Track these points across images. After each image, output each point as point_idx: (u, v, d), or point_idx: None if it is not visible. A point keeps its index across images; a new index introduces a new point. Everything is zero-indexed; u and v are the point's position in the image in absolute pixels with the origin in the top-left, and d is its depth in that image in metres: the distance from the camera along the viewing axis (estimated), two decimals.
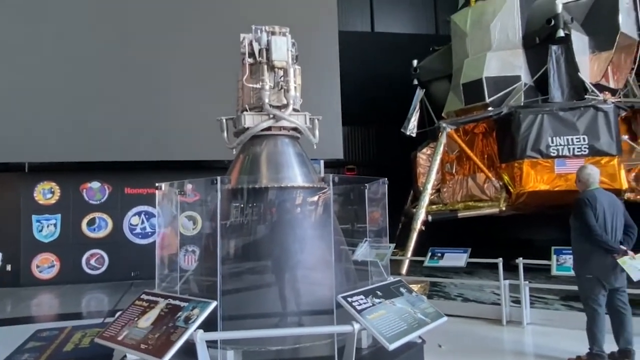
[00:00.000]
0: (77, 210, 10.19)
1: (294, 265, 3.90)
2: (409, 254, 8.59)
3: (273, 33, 4.15)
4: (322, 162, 11.23)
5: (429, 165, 9.85)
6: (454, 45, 11.08)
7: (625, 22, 9.23)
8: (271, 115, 4.15)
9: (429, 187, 9.33)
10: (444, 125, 9.68)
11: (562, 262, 5.59)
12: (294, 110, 4.33)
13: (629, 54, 9.79)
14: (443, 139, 9.62)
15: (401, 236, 9.88)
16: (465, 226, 10.39)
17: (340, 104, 11.30)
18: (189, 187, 4.56)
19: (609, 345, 4.32)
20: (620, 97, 9.33)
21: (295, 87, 4.31)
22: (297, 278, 3.89)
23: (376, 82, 14.22)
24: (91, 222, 10.24)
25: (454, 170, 10.35)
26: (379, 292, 3.47)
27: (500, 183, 9.25)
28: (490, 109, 9.57)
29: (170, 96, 9.75)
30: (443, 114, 10.93)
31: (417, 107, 11.73)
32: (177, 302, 3.40)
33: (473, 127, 10.07)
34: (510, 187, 8.97)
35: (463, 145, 9.76)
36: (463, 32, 10.67)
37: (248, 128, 4.15)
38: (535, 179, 8.56)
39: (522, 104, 9.24)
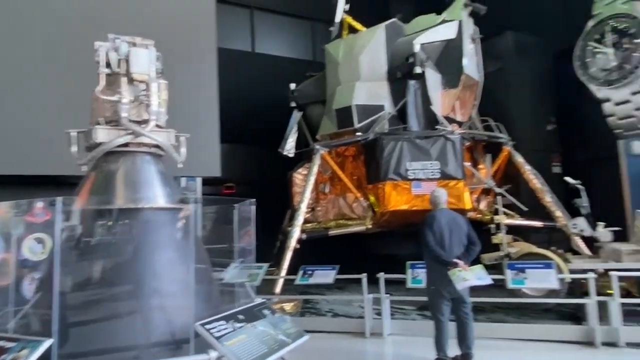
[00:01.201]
0: None
1: (149, 293, 3.64)
2: (283, 272, 8.66)
3: (134, 44, 3.91)
4: (199, 180, 10.86)
5: (305, 185, 10.15)
6: (328, 73, 11.71)
7: (468, 65, 10.71)
8: (129, 131, 3.88)
9: (303, 206, 9.60)
10: (317, 147, 10.11)
11: (416, 276, 6.16)
12: (158, 126, 4.11)
13: (472, 92, 11.37)
14: (317, 160, 10.03)
15: (279, 255, 9.94)
16: (341, 243, 10.90)
17: (218, 121, 11.10)
18: (38, 205, 4.04)
19: (456, 350, 4.84)
20: (465, 129, 10.75)
21: (159, 103, 4.10)
22: (153, 306, 3.63)
23: (258, 101, 14.30)
24: None
25: (327, 190, 10.81)
26: (240, 316, 3.41)
27: (367, 203, 9.91)
28: (358, 134, 10.27)
29: (12, 101, 8.53)
30: (317, 137, 11.41)
31: (295, 129, 12.05)
32: (2, 343, 2.92)
33: (344, 150, 10.68)
34: (375, 207, 9.66)
35: (335, 166, 10.28)
36: (336, 61, 11.35)
37: (101, 143, 3.82)
38: (396, 199, 9.34)
39: (386, 131, 10.07)
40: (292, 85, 12.18)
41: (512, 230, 10.08)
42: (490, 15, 11.30)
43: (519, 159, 10.41)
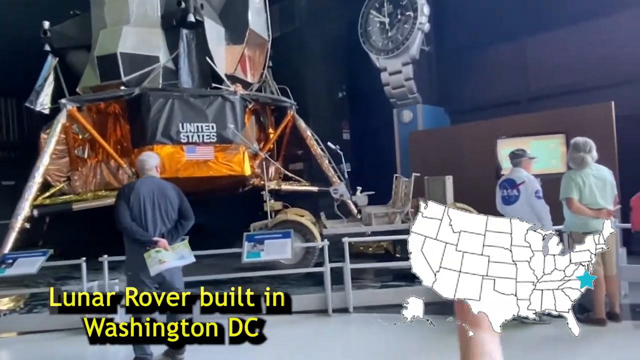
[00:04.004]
0: None
1: None
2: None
3: None
4: None
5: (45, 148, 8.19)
6: (93, 12, 9.66)
7: (255, 21, 9.93)
8: None
9: (38, 175, 7.71)
10: (63, 102, 8.23)
11: None
12: None
13: (262, 52, 10.70)
14: (62, 118, 8.15)
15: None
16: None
17: None
18: None
19: None
20: (251, 91, 10.03)
21: None
22: None
23: (18, 43, 11.27)
24: None
25: (86, 155, 9.03)
26: None
27: (134, 170, 8.54)
28: (123, 88, 8.70)
29: None
30: (78, 89, 9.43)
31: (51, 79, 9.75)
32: None
33: (106, 106, 8.99)
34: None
35: (88, 126, 8.50)
36: None
37: None
38: (167, 166, 8.18)
39: (160, 87, 8.75)
40: (46, 24, 9.76)
41: (297, 196, 9.99)
42: None
43: (302, 124, 10.21)
